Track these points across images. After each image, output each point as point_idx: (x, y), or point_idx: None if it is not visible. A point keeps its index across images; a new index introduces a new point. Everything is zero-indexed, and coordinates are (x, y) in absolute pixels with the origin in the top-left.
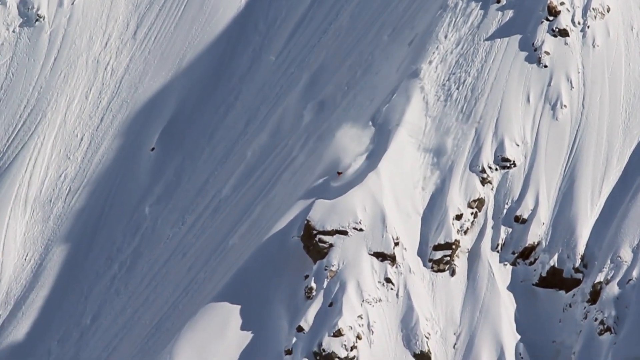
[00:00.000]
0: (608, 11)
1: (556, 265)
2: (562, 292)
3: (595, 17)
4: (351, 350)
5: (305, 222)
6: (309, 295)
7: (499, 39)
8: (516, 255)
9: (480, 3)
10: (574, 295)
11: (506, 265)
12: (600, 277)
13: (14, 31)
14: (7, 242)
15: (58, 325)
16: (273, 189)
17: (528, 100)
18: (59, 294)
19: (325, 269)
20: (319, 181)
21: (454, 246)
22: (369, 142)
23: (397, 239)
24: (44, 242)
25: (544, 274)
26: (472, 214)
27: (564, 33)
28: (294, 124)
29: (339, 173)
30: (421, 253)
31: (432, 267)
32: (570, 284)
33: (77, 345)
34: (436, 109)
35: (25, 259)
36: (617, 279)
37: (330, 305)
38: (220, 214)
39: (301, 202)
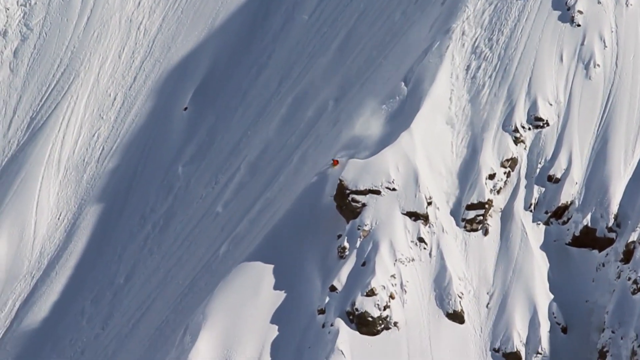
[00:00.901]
0: None
1: (589, 224)
2: (595, 251)
3: None
4: (384, 309)
5: (338, 181)
6: (341, 255)
7: None
8: (549, 214)
9: None
10: (607, 254)
11: (539, 224)
12: (634, 237)
13: None
14: (41, 202)
15: (91, 285)
16: (305, 150)
17: (561, 59)
18: (93, 253)
19: (358, 229)
20: (353, 138)
21: (487, 206)
22: (400, 101)
23: (430, 198)
24: (77, 202)
25: (577, 234)
26: (505, 173)
27: None
28: (327, 83)
29: (335, 162)
30: (454, 212)
31: (465, 227)
32: (603, 243)
33: (110, 305)
34: (469, 69)
35: (58, 219)
36: None
37: (363, 264)
38: (252, 174)
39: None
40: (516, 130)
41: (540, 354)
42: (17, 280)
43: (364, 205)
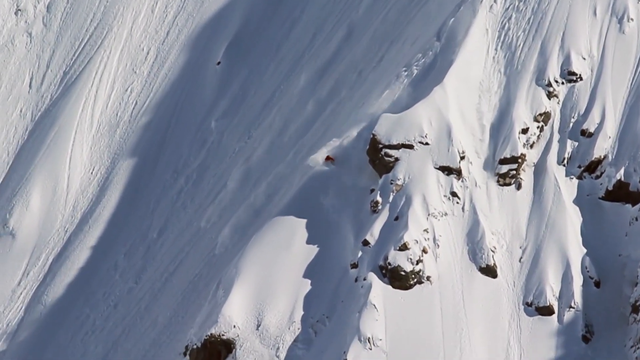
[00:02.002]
0: None
1: (622, 178)
2: (629, 205)
3: None
4: (417, 264)
5: (371, 135)
6: (374, 209)
7: None
8: (582, 168)
9: None
10: None
11: (572, 179)
12: None
13: None
14: (74, 157)
15: (125, 239)
16: (338, 103)
17: (595, 13)
18: (126, 207)
19: (391, 183)
20: (385, 93)
21: (520, 160)
22: (433, 56)
23: (463, 152)
24: (110, 156)
25: (610, 188)
26: (538, 127)
27: None
28: (361, 37)
29: (329, 158)
30: (487, 167)
31: (498, 181)
32: (636, 198)
33: (143, 259)
34: (502, 22)
35: (91, 173)
36: None
37: (396, 219)
38: (285, 128)
39: (366, 116)
40: (549, 84)
41: (573, 308)
42: (50, 234)
43: (396, 159)
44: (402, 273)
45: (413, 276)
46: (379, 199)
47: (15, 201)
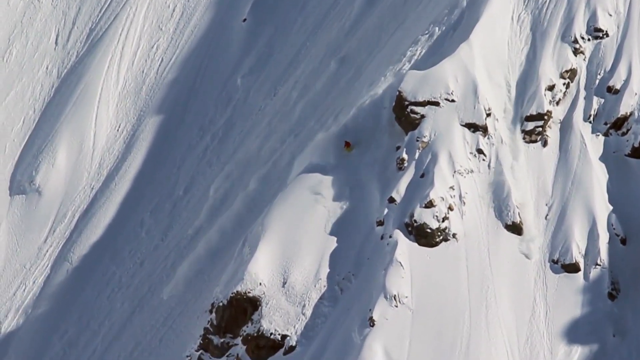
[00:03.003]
0: None
1: None
2: None
3: None
4: (442, 221)
5: (397, 93)
6: (400, 167)
7: None
8: (608, 125)
9: None
10: None
11: (598, 135)
12: None
13: None
14: (100, 114)
15: (150, 197)
16: (364, 60)
17: None
18: (151, 165)
19: (417, 140)
20: (410, 50)
21: (546, 117)
22: (459, 14)
23: (489, 109)
24: (136, 113)
25: (636, 145)
26: (564, 84)
27: None
28: None
29: (347, 143)
30: (513, 124)
31: (524, 138)
32: None
33: (170, 217)
34: None
35: (117, 130)
36: None
37: (422, 176)
38: (311, 85)
39: (393, 72)
40: (575, 41)
41: (599, 265)
42: (76, 191)
43: (422, 116)
44: (428, 230)
45: (439, 233)
46: (404, 156)
47: (41, 158)
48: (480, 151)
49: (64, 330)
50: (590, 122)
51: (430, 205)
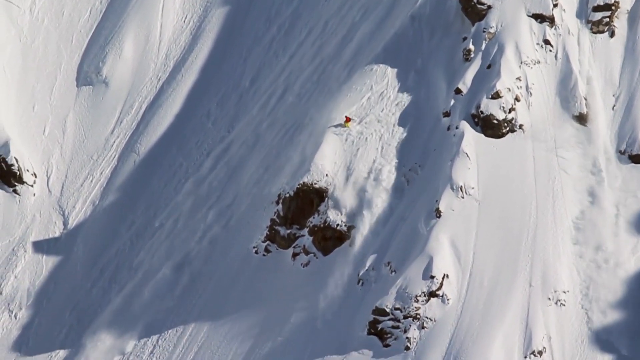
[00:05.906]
0: None
1: None
2: None
3: None
4: (509, 112)
5: None
6: (467, 58)
7: None
8: None
9: None
10: None
11: None
12: None
13: None
14: (167, 5)
15: (217, 88)
16: None
17: None
18: (218, 56)
19: (484, 31)
20: None
21: (613, 7)
22: None
23: (556, 0)
24: (203, 4)
25: None
26: None
27: None
28: None
29: (347, 118)
30: (580, 14)
31: (591, 29)
32: None
33: (236, 108)
34: None
35: (184, 21)
36: None
37: (489, 67)
38: None
39: None
40: None
41: None
42: (143, 82)
43: (489, 7)
44: (495, 121)
45: (505, 124)
46: (471, 47)
47: (108, 49)
48: (547, 42)
49: (131, 221)
50: None
51: (496, 96)
